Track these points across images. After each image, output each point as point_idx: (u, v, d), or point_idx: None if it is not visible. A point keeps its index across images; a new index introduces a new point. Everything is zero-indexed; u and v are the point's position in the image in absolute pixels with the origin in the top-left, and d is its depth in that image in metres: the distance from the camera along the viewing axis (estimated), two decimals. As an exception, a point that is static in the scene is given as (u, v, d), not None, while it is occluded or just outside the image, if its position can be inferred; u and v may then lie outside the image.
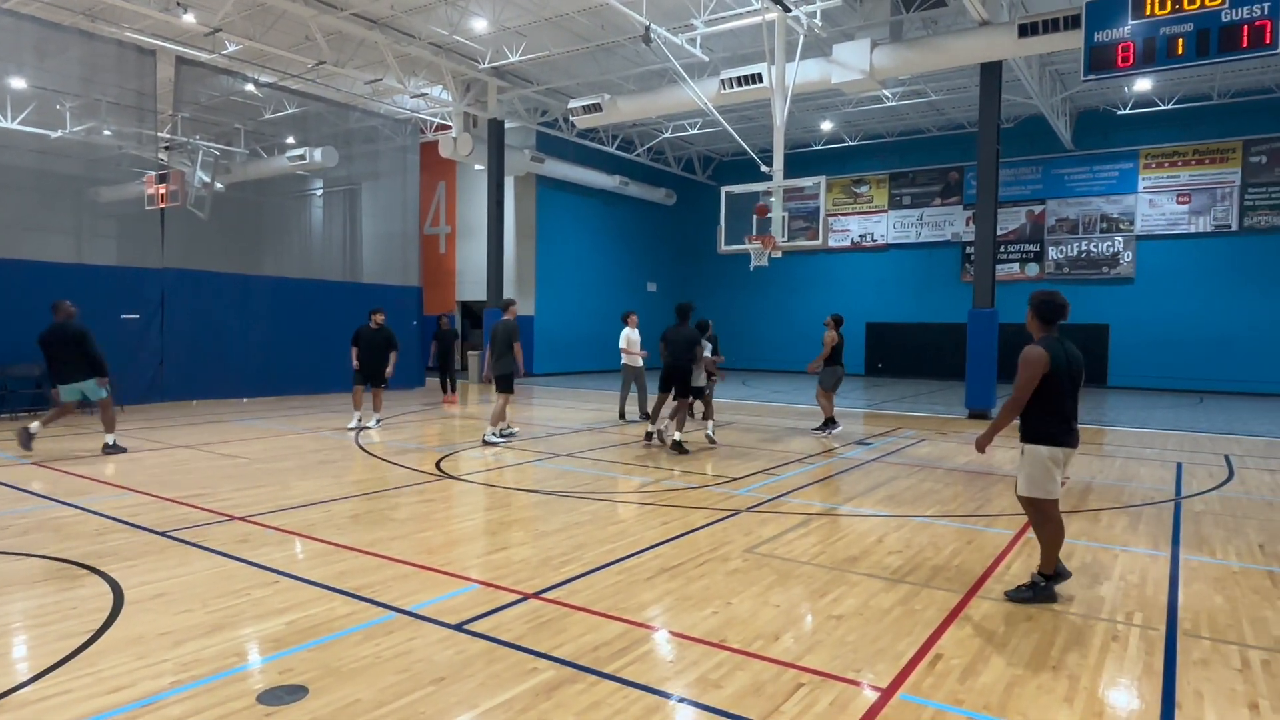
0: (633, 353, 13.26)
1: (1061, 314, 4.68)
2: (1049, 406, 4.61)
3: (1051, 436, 4.62)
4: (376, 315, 11.95)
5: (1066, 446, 4.64)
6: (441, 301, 26.42)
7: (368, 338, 11.83)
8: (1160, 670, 3.80)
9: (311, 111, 19.58)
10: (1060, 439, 4.62)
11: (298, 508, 6.83)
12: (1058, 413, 4.61)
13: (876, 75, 14.78)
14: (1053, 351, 4.58)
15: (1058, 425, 4.61)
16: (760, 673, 3.69)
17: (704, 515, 6.74)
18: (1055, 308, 4.69)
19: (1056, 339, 4.68)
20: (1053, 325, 4.71)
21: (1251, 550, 5.92)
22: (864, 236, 26.39)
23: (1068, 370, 4.62)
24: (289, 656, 3.79)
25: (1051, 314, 4.69)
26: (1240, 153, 20.75)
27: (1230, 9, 11.16)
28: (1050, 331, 4.71)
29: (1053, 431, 4.62)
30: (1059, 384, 4.59)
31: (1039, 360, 4.55)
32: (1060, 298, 4.72)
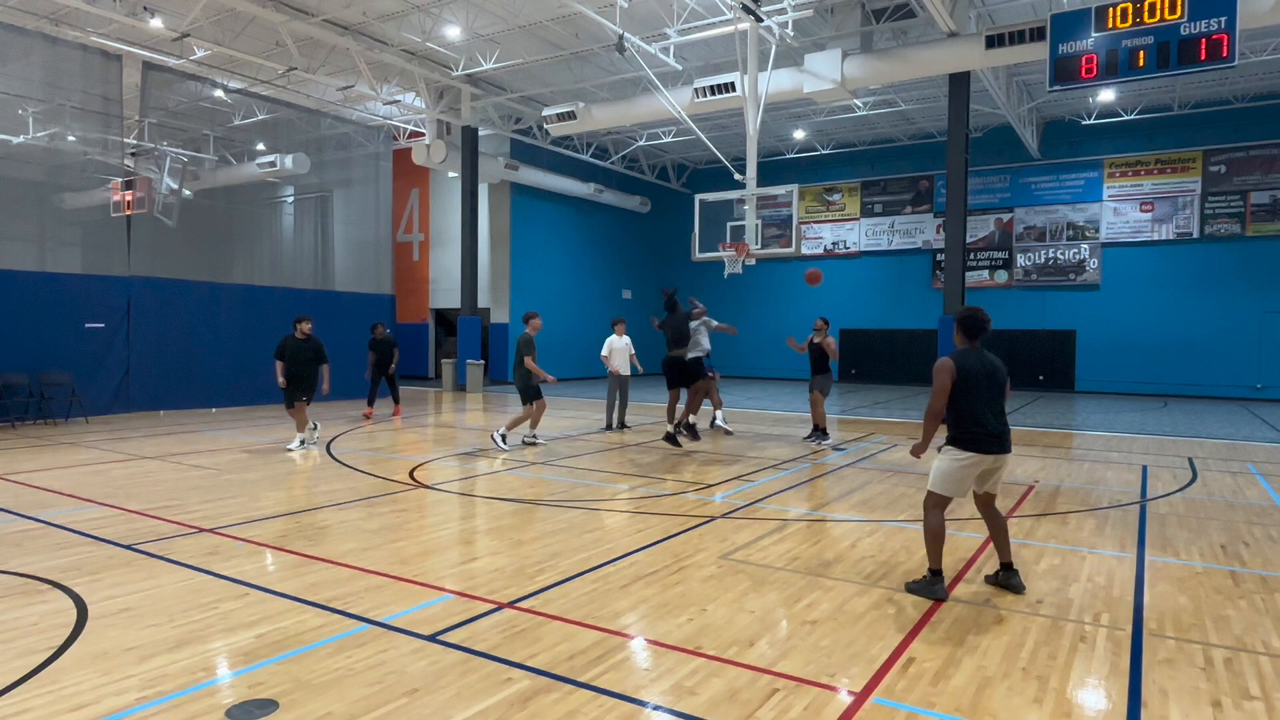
0: (613, 365, 13.02)
1: (982, 329, 4.96)
2: (963, 414, 4.86)
3: (966, 441, 4.85)
4: (303, 324, 10.70)
5: (980, 452, 4.82)
6: (415, 309, 26.26)
7: (294, 349, 10.61)
8: (1127, 670, 3.86)
9: (282, 118, 19.40)
10: (974, 445, 4.82)
11: (268, 519, 6.74)
12: (970, 420, 4.83)
13: (847, 85, 14.97)
14: (961, 362, 4.86)
15: (972, 431, 4.83)
16: (735, 679, 3.70)
17: (680, 522, 6.74)
18: (977, 323, 4.96)
19: (974, 351, 4.95)
20: (975, 339, 4.97)
21: (1214, 550, 6.05)
22: (837, 244, 26.66)
23: (982, 379, 4.85)
24: (259, 670, 3.73)
25: (973, 328, 4.96)
26: (1200, 162, 21.27)
27: (1189, 23, 11.46)
28: (972, 345, 4.98)
29: (967, 437, 4.85)
30: (971, 392, 4.84)
31: (945, 370, 4.85)
32: (982, 314, 4.99)
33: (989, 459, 4.86)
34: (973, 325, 4.96)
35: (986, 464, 4.88)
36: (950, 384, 4.84)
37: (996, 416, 4.88)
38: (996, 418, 4.87)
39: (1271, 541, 6.34)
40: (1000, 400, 4.94)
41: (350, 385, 15.99)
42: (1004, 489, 8.34)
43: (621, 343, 13.12)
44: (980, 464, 4.86)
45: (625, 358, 13.10)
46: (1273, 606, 4.78)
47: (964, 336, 4.99)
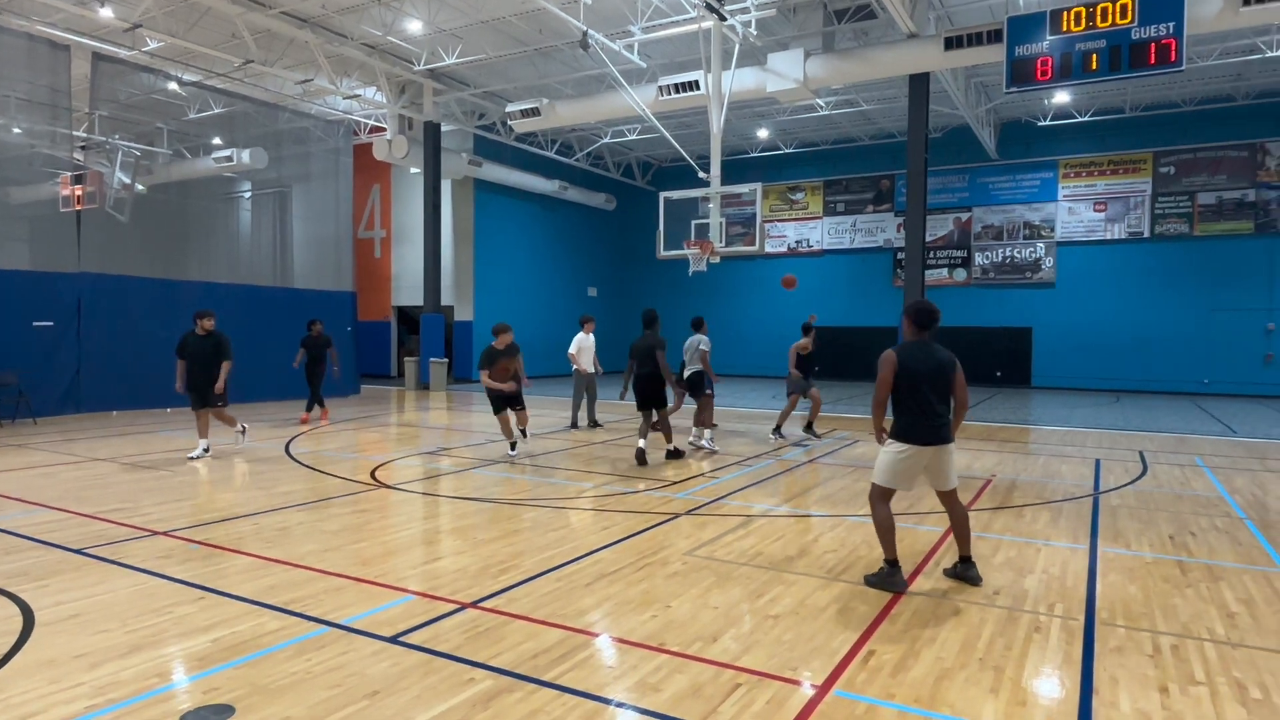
0: (580, 363, 12.93)
1: (931, 320, 5.00)
2: (902, 405, 4.95)
3: (903, 434, 4.94)
4: (204, 320, 9.80)
5: (916, 444, 4.89)
6: (377, 306, 25.92)
7: (195, 347, 9.75)
8: (1079, 659, 3.96)
9: (239, 111, 19.02)
10: (912, 436, 4.90)
11: (224, 521, 6.61)
12: (909, 411, 4.91)
13: (810, 84, 15.10)
14: (903, 354, 4.94)
15: (910, 422, 4.91)
16: (699, 674, 3.72)
17: (644, 519, 6.75)
18: (928, 314, 5.02)
19: (920, 344, 5.00)
20: (925, 330, 5.02)
21: (1163, 541, 6.23)
22: (800, 242, 26.90)
23: (922, 373, 4.88)
24: (215, 675, 3.66)
25: (925, 319, 5.01)
26: (1151, 164, 21.86)
27: (1139, 27, 11.78)
28: (921, 336, 5.02)
29: (903, 429, 4.94)
30: (910, 385, 4.89)
31: (886, 362, 4.96)
32: (931, 305, 5.06)
33: (928, 451, 4.90)
34: (923, 317, 5.02)
35: (926, 456, 4.91)
36: (891, 375, 4.92)
37: (933, 409, 4.89)
38: (933, 410, 4.88)
39: (1217, 532, 6.54)
40: (943, 393, 4.94)
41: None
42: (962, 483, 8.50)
43: (590, 341, 13.03)
44: (919, 456, 4.90)
45: (592, 356, 13.03)
46: (1217, 595, 4.93)
47: (914, 328, 5.05)
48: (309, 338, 13.64)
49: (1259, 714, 3.40)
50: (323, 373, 13.68)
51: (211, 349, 9.83)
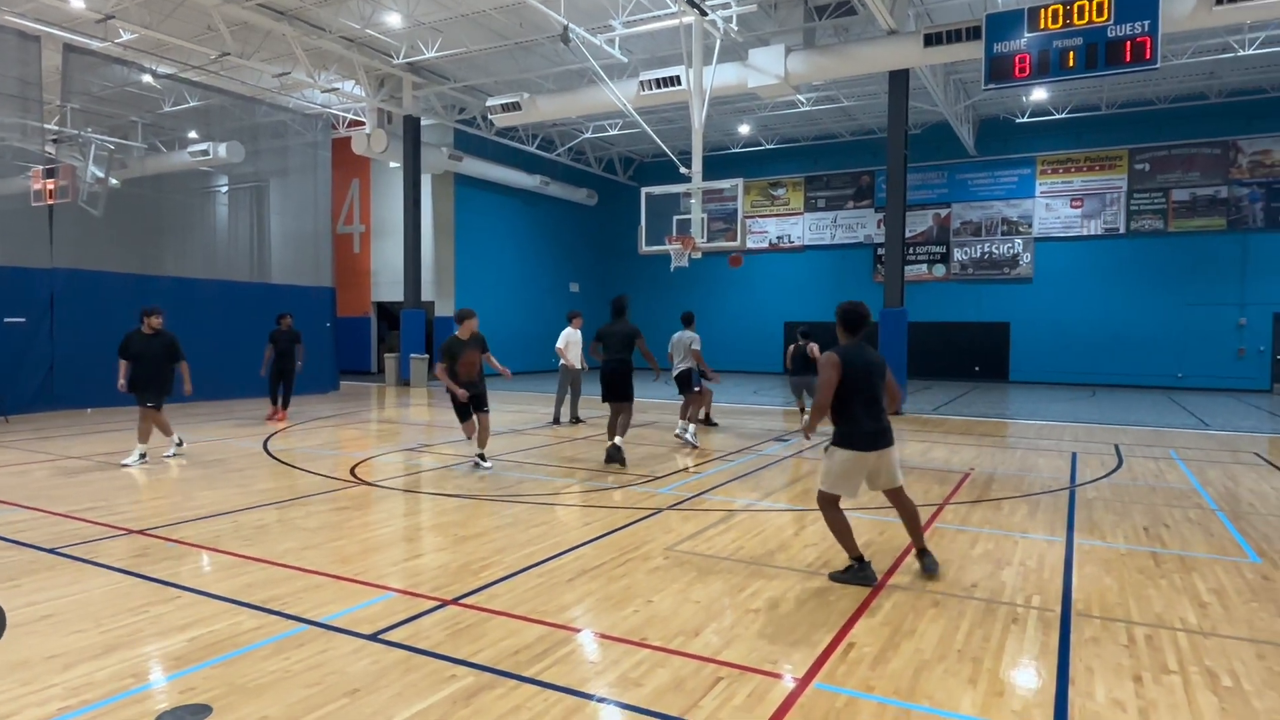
0: (568, 358, 12.86)
1: (862, 323, 4.97)
2: (845, 412, 4.85)
3: (845, 440, 4.88)
4: (151, 318, 9.32)
5: (859, 450, 4.84)
6: (356, 302, 25.72)
7: (141, 347, 9.23)
8: (1056, 649, 4.01)
9: (215, 105, 18.76)
10: (853, 443, 4.85)
11: (202, 519, 6.53)
12: (852, 418, 4.84)
13: (790, 80, 15.14)
14: (846, 357, 4.83)
15: (854, 429, 4.85)
16: (680, 669, 3.73)
17: (626, 515, 6.76)
18: (857, 317, 4.97)
19: (855, 346, 4.94)
20: (856, 333, 4.98)
21: (1137, 533, 6.32)
22: (781, 238, 26.98)
23: (861, 376, 4.82)
24: (192, 674, 3.62)
25: (853, 323, 4.97)
26: (1126, 160, 22.12)
27: (1115, 25, 11.90)
28: (853, 339, 4.98)
29: (846, 436, 4.88)
30: (854, 389, 4.81)
31: (832, 365, 4.80)
32: (862, 308, 5.01)
33: (871, 456, 4.87)
34: (853, 319, 4.96)
35: (870, 461, 4.88)
36: (837, 378, 4.79)
37: (873, 413, 4.86)
38: (873, 415, 4.85)
39: (1190, 523, 6.64)
40: (878, 396, 4.91)
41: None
42: (940, 477, 8.58)
43: (578, 336, 12.94)
44: (863, 462, 4.87)
45: (580, 351, 12.96)
46: (1190, 585, 5.02)
47: (845, 332, 4.98)
48: (277, 331, 13.30)
49: (1229, 702, 3.46)
50: (292, 369, 13.37)
51: (161, 349, 9.30)
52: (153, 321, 9.34)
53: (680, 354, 11.17)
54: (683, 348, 11.13)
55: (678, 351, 11.21)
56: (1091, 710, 3.37)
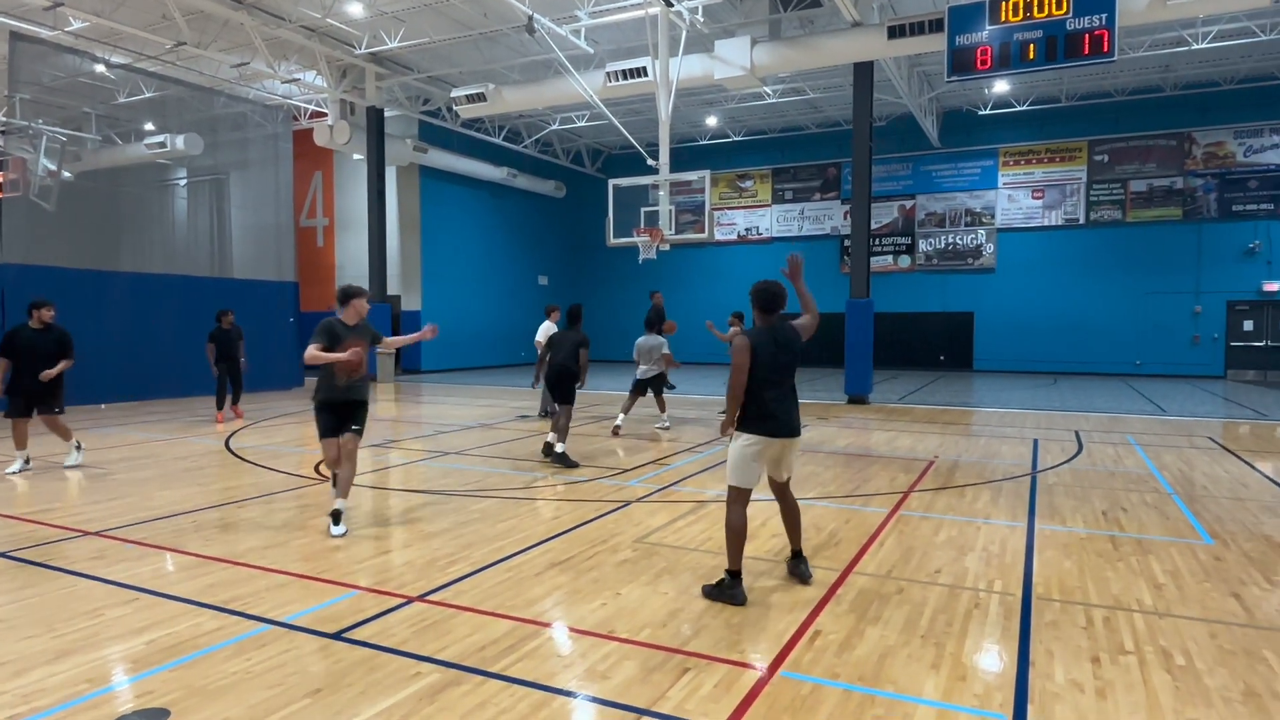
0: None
1: (776, 303, 4.72)
2: (750, 395, 4.59)
3: (750, 424, 4.60)
4: (42, 310, 8.54)
5: (764, 435, 4.58)
6: (320, 297, 25.32)
7: (30, 343, 8.49)
8: (1017, 633, 4.08)
9: (172, 96, 18.32)
10: (758, 428, 4.59)
11: (161, 519, 6.40)
12: (756, 402, 4.58)
13: (757, 72, 15.16)
14: (757, 340, 4.59)
15: (756, 414, 4.58)
16: (648, 660, 3.73)
17: (595, 508, 6.75)
18: (770, 296, 4.72)
19: (768, 328, 4.69)
20: (771, 314, 4.73)
21: (1096, 517, 6.45)
22: (750, 230, 27.08)
23: (767, 359, 4.58)
24: (150, 678, 3.55)
25: (768, 303, 4.72)
26: (1086, 152, 22.52)
27: (1074, 18, 12.09)
28: (769, 320, 4.73)
29: (752, 419, 4.60)
30: (757, 373, 4.56)
31: (742, 348, 4.57)
32: (776, 286, 4.76)
33: (776, 443, 4.61)
34: (767, 299, 4.72)
35: (775, 448, 4.64)
36: (749, 362, 4.54)
37: (781, 398, 4.64)
38: (781, 400, 4.63)
39: (1146, 507, 6.80)
40: (787, 381, 4.70)
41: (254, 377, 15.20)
42: (904, 464, 8.69)
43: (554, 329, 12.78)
44: (767, 447, 4.61)
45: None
46: (1145, 567, 5.13)
47: (760, 312, 4.74)
48: (217, 331, 12.60)
49: (1182, 680, 3.55)
50: (238, 368, 12.72)
51: (53, 345, 8.55)
52: (44, 314, 8.56)
53: (648, 359, 11.29)
54: (650, 353, 11.26)
55: (645, 357, 11.32)
56: (1051, 692, 3.44)
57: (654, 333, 11.53)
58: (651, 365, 11.32)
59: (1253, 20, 16.49)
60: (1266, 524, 6.21)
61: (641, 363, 11.37)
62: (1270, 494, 7.27)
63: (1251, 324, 21.21)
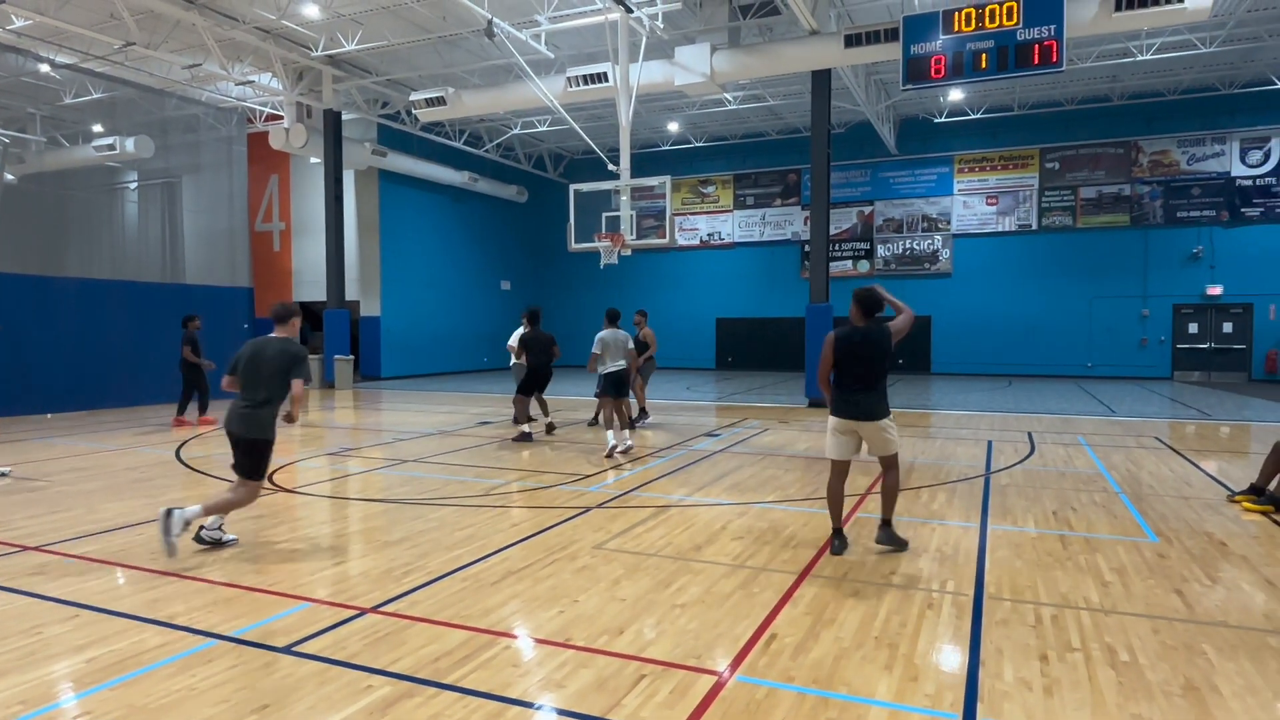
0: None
1: (874, 305, 5.44)
2: (835, 383, 5.47)
3: (834, 408, 5.49)
4: None
5: (839, 417, 5.43)
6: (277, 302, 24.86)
7: None
8: (969, 632, 4.14)
9: (121, 97, 17.88)
10: (838, 410, 5.45)
11: (106, 532, 6.21)
12: (839, 388, 5.45)
13: (717, 78, 15.27)
14: (840, 335, 5.42)
15: (838, 398, 5.45)
16: (604, 668, 3.71)
17: (554, 514, 6.71)
18: (870, 299, 5.46)
19: (857, 326, 5.44)
20: (869, 315, 5.44)
21: (1046, 517, 6.59)
22: (712, 235, 27.23)
23: (850, 353, 5.37)
24: (89, 698, 3.44)
25: (868, 304, 5.45)
26: (1037, 159, 23.07)
27: (1024, 29, 12.39)
28: (867, 321, 5.45)
29: (835, 403, 5.47)
30: (841, 364, 5.39)
31: (826, 342, 5.47)
32: (875, 291, 5.49)
33: (851, 424, 5.38)
34: (868, 302, 5.44)
35: (853, 428, 5.40)
36: (830, 354, 5.39)
37: (859, 387, 5.35)
38: (858, 388, 5.35)
39: (1095, 506, 6.97)
40: (864, 370, 5.34)
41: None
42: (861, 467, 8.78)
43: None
44: (844, 428, 5.41)
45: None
46: (1093, 565, 5.25)
47: (861, 312, 5.46)
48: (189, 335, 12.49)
49: (1126, 675, 3.63)
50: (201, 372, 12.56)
51: None
52: None
53: (615, 354, 10.15)
54: (617, 347, 10.13)
55: (613, 352, 10.13)
56: (1000, 690, 3.49)
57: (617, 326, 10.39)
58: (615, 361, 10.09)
59: (1193, 34, 17.06)
60: (1209, 522, 6.40)
61: (608, 359, 10.11)
62: (1213, 492, 7.49)
63: (1196, 327, 21.90)
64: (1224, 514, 6.66)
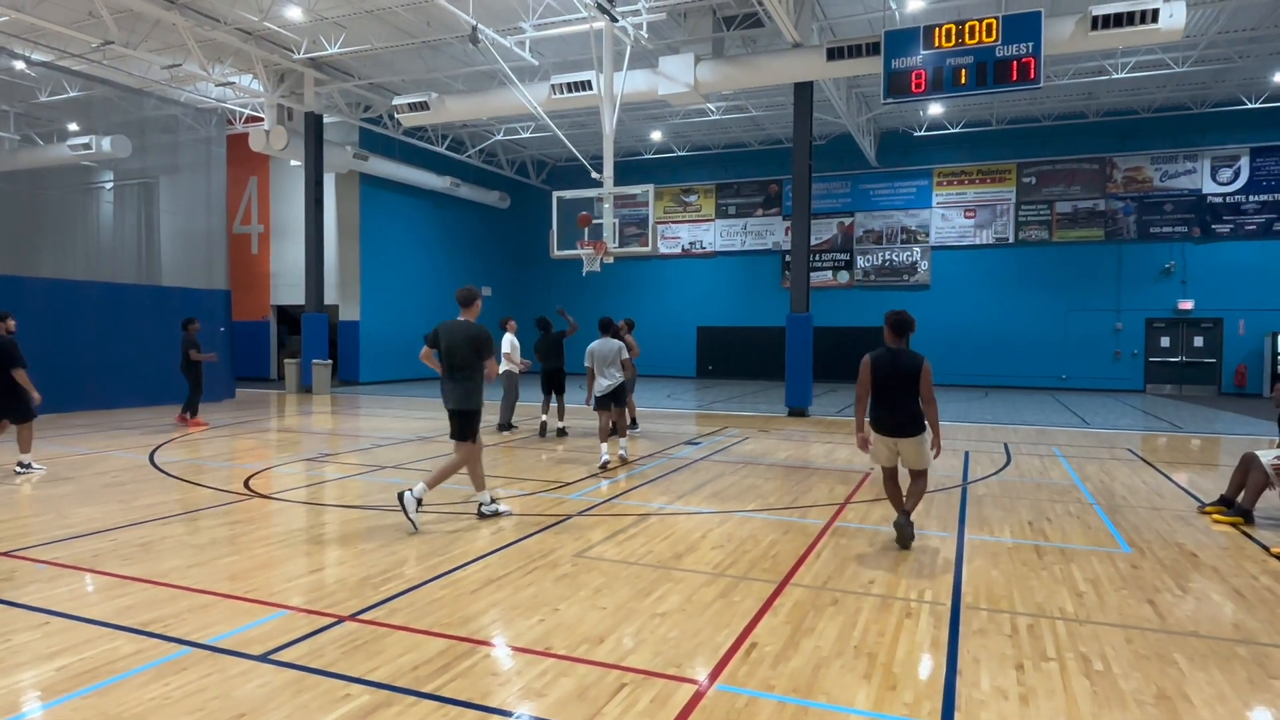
0: (513, 360, 12.37)
1: (904, 328, 5.91)
2: (874, 402, 5.94)
3: (873, 423, 5.97)
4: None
5: (878, 433, 5.93)
6: (254, 305, 24.63)
7: None
8: (946, 642, 4.18)
9: (98, 96, 17.61)
10: (875, 425, 5.95)
11: (77, 538, 6.11)
12: (874, 404, 5.94)
13: (700, 89, 15.35)
14: (875, 358, 5.89)
15: (874, 414, 5.95)
16: (584, 677, 3.70)
17: (535, 522, 6.69)
18: (899, 322, 5.91)
19: (887, 349, 5.91)
20: (901, 337, 5.91)
21: (1022, 527, 6.67)
22: (694, 244, 27.32)
23: (887, 374, 5.82)
24: (59, 706, 3.38)
25: (898, 327, 5.92)
26: (1015, 174, 23.40)
27: (1003, 45, 12.58)
28: (899, 343, 5.92)
29: (872, 419, 5.97)
30: (878, 384, 5.86)
31: (863, 365, 5.93)
32: (905, 316, 5.93)
33: (886, 439, 5.91)
34: (897, 325, 5.89)
35: (887, 442, 5.92)
36: (867, 376, 5.87)
37: (891, 405, 5.83)
38: (891, 406, 5.84)
39: (1070, 516, 7.06)
40: (897, 392, 5.79)
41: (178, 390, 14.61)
42: (841, 476, 8.85)
43: (516, 341, 12.50)
44: (882, 442, 5.94)
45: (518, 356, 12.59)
46: (1068, 575, 5.32)
47: (893, 334, 5.91)
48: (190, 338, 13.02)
49: (1100, 684, 3.68)
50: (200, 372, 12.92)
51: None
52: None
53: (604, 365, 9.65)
54: (606, 359, 9.64)
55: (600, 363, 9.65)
56: (976, 699, 3.53)
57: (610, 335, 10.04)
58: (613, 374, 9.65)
59: (1167, 53, 17.43)
60: (1180, 533, 6.51)
61: (599, 373, 9.64)
62: (1184, 504, 7.62)
63: (1168, 340, 22.28)
64: (1195, 525, 6.77)
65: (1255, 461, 6.72)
